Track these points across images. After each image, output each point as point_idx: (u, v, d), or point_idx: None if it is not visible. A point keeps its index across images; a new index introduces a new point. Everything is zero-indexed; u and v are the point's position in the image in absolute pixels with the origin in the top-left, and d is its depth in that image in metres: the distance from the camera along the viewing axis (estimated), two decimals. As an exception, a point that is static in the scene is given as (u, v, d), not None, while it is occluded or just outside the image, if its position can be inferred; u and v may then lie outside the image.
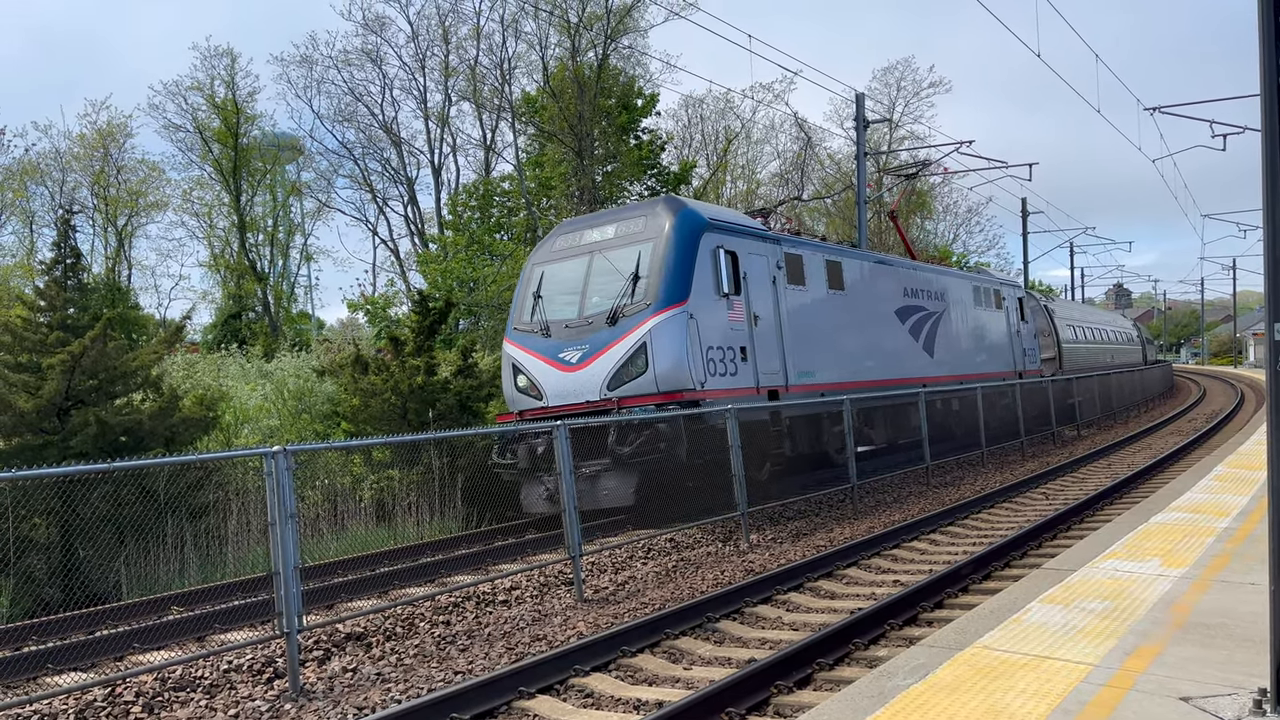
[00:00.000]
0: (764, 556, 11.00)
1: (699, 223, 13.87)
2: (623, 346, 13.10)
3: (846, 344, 16.89)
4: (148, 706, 6.57)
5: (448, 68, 36.27)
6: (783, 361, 14.90)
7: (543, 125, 34.66)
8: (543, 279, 14.66)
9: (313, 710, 6.31)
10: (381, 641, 8.03)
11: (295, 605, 6.82)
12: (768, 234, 15.65)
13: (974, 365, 22.19)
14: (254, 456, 7.10)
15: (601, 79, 33.41)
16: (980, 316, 23.29)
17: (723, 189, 44.62)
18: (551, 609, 8.97)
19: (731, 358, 13.79)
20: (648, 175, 35.59)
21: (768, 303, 14.87)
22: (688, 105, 43.61)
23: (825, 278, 16.69)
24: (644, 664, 7.00)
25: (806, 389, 15.36)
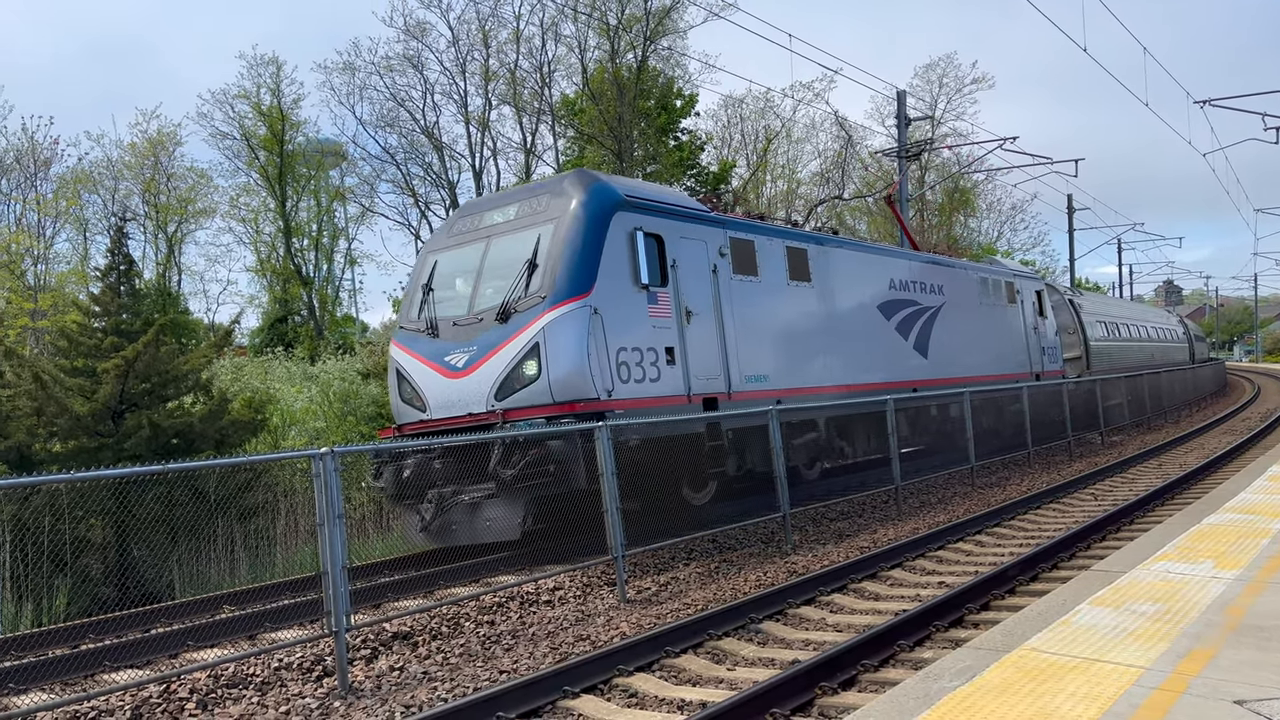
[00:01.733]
0: (807, 557, 10.96)
1: (611, 200, 11.73)
2: (512, 348, 11.08)
3: (812, 344, 14.86)
4: (201, 703, 6.71)
5: (488, 72, 36.55)
6: (724, 364, 12.83)
7: (582, 127, 34.80)
8: (435, 269, 12.54)
9: (361, 708, 6.40)
10: (428, 641, 8.12)
11: (343, 604, 6.92)
12: (707, 215, 13.39)
13: (978, 366, 19.89)
14: (302, 459, 7.22)
15: (641, 80, 33.48)
16: (988, 312, 21.05)
17: (763, 188, 44.50)
18: (594, 609, 9.01)
19: (653, 360, 11.69)
20: (687, 176, 35.58)
21: (705, 296, 12.80)
22: (727, 105, 43.53)
23: (785, 267, 14.56)
24: (687, 664, 7.01)
25: (757, 395, 13.25)
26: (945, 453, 17.64)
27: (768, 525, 12.44)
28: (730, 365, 12.95)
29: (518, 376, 11.01)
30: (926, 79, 48.97)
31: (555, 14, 34.25)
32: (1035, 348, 22.98)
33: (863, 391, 15.44)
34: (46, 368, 13.82)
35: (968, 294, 20.26)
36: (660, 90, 34.85)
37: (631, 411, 11.03)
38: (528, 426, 10.38)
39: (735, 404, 12.81)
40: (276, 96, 38.92)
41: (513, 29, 36.12)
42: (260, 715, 6.42)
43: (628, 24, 33.33)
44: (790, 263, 14.72)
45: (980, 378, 19.54)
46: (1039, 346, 23.19)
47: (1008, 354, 21.52)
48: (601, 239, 11.43)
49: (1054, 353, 24.18)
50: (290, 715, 6.37)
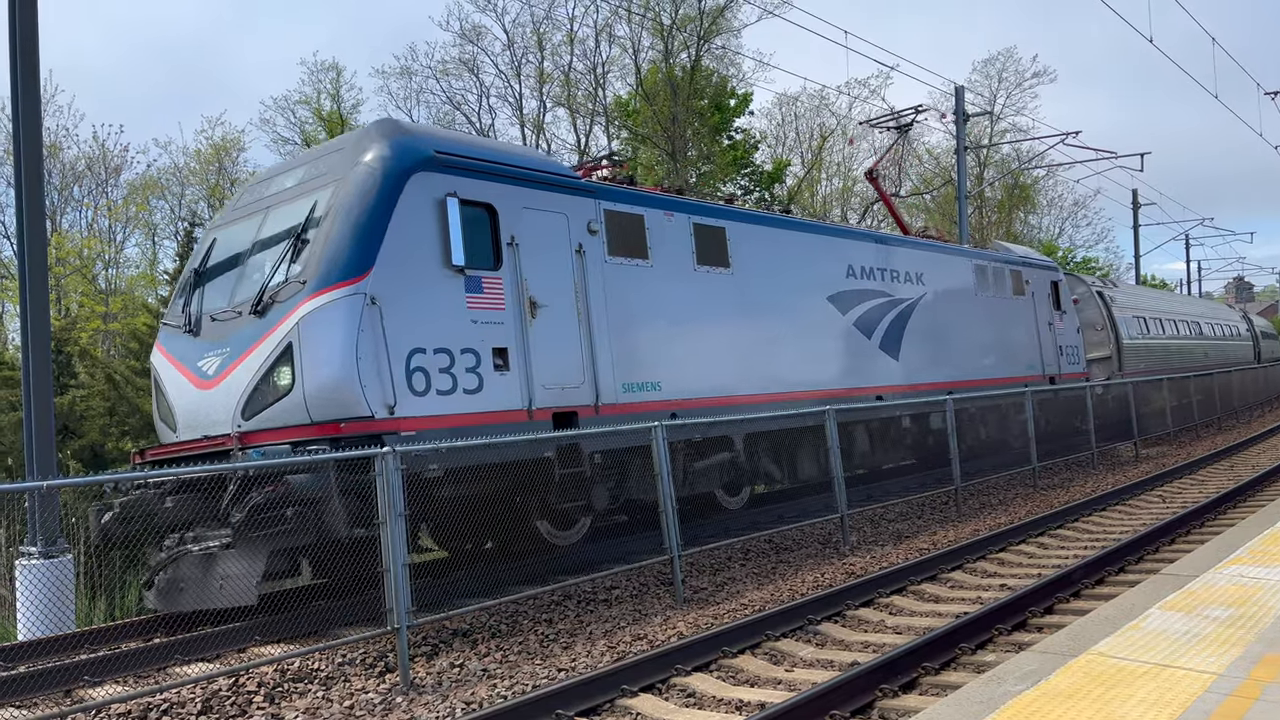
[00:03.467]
0: (864, 559, 10.86)
1: (408, 156, 9.29)
2: (264, 350, 8.73)
3: (730, 344, 12.32)
4: (269, 696, 6.87)
5: (542, 74, 36.81)
6: (590, 370, 10.40)
7: (636, 128, 34.88)
8: (211, 249, 10.26)
9: (423, 704, 6.50)
10: (487, 638, 8.21)
11: (405, 602, 7.03)
12: (567, 181, 10.82)
13: (972, 369, 17.11)
14: (364, 458, 7.34)
15: (694, 80, 33.45)
16: (986, 305, 18.10)
17: (818, 187, 44.17)
18: (651, 609, 9.03)
19: (471, 366, 9.28)
20: (741, 175, 35.48)
21: (562, 283, 10.36)
22: (781, 103, 43.29)
23: (692, 249, 12.08)
24: (745, 665, 7.00)
25: (644, 408, 10.84)
26: (931, 469, 15.53)
27: (825, 526, 12.35)
28: (600, 371, 10.49)
29: (269, 387, 8.62)
30: (985, 74, 48.20)
31: (609, 15, 34.39)
32: (1050, 347, 20.05)
33: (805, 401, 12.88)
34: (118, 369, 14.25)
35: (958, 284, 17.48)
36: (714, 90, 34.78)
37: (431, 433, 8.66)
38: (259, 456, 8.11)
39: (607, 419, 10.30)
40: (336, 102, 39.61)
41: (567, 31, 36.34)
42: (325, 709, 6.54)
43: (681, 24, 33.33)
44: (700, 244, 12.20)
45: (973, 382, 16.91)
46: (1054, 345, 20.27)
47: (1012, 354, 18.63)
48: (389, 206, 8.97)
49: (1075, 352, 21.31)
50: (354, 710, 6.49)
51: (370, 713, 6.41)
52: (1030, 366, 19.11)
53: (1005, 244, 21.85)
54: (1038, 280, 20.24)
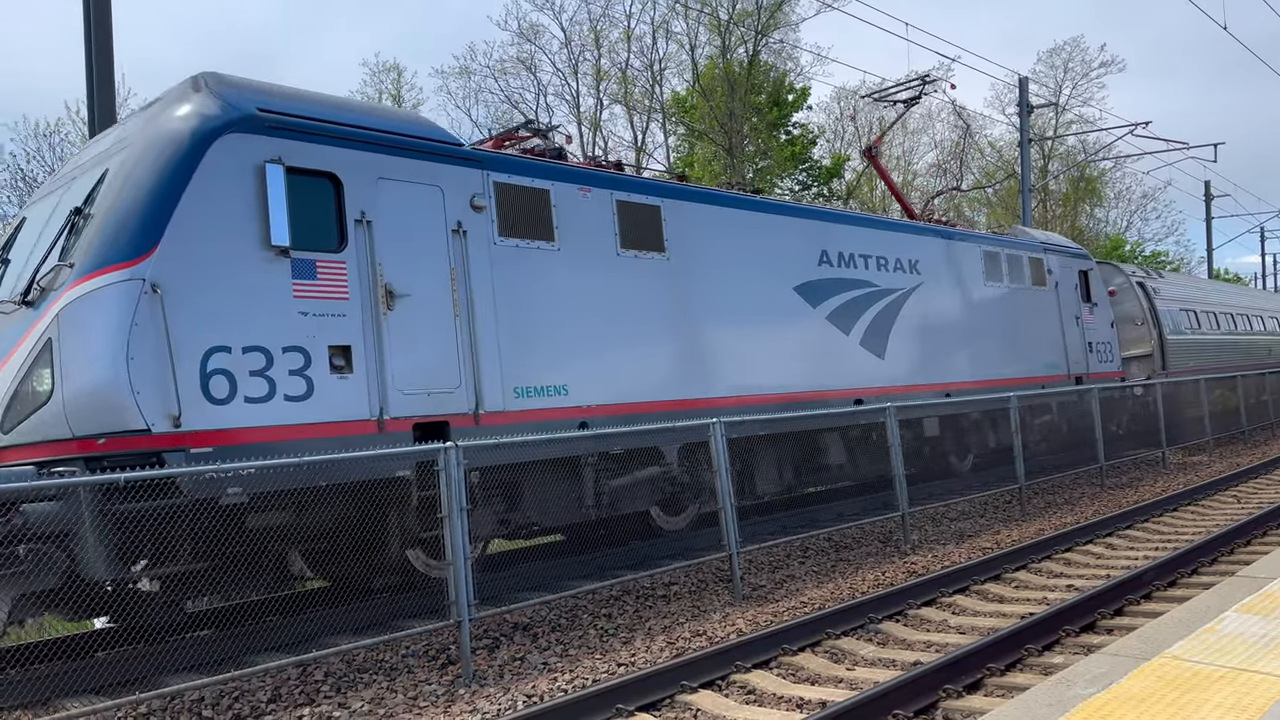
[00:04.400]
0: (926, 558, 10.73)
1: (220, 115, 7.75)
2: (26, 348, 7.31)
3: (664, 341, 10.76)
4: (335, 686, 7.02)
5: (599, 71, 36.93)
6: (470, 371, 8.93)
7: (693, 124, 34.83)
8: (19, 231, 8.87)
9: (485, 695, 6.58)
10: (547, 632, 8.29)
11: (467, 595, 7.13)
12: (444, 147, 9.22)
13: (977, 368, 15.37)
14: (427, 454, 7.45)
15: (752, 75, 33.29)
16: (998, 297, 16.30)
17: (876, 181, 43.67)
18: (710, 605, 9.03)
19: (299, 366, 7.78)
20: (799, 170, 35.22)
21: (434, 267, 8.86)
22: (840, 97, 42.86)
23: (615, 230, 10.46)
24: (805, 663, 6.96)
25: (543, 416, 9.42)
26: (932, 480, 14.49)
27: (885, 524, 12.22)
28: (484, 373, 9.03)
29: (28, 393, 7.20)
30: (1051, 64, 47.21)
31: (666, 11, 34.38)
32: (1077, 343, 18.07)
33: (760, 406, 11.48)
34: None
35: (963, 273, 15.68)
36: (772, 84, 34.57)
37: (238, 450, 7.24)
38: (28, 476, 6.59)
39: (491, 429, 8.88)
40: (397, 101, 40.18)
41: (624, 28, 36.42)
42: (389, 699, 6.66)
43: (739, 19, 33.19)
44: (625, 224, 10.60)
45: (979, 383, 15.24)
46: (1082, 341, 18.23)
47: (1030, 352, 16.71)
48: (184, 174, 7.47)
49: (1107, 349, 19.21)
50: (418, 700, 6.59)
51: (433, 704, 6.51)
52: (1051, 365, 17.17)
53: (1026, 229, 19.91)
54: (1063, 269, 18.21)
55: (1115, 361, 19.46)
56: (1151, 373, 20.97)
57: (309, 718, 6.36)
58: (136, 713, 6.46)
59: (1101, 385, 16.12)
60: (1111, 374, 18.99)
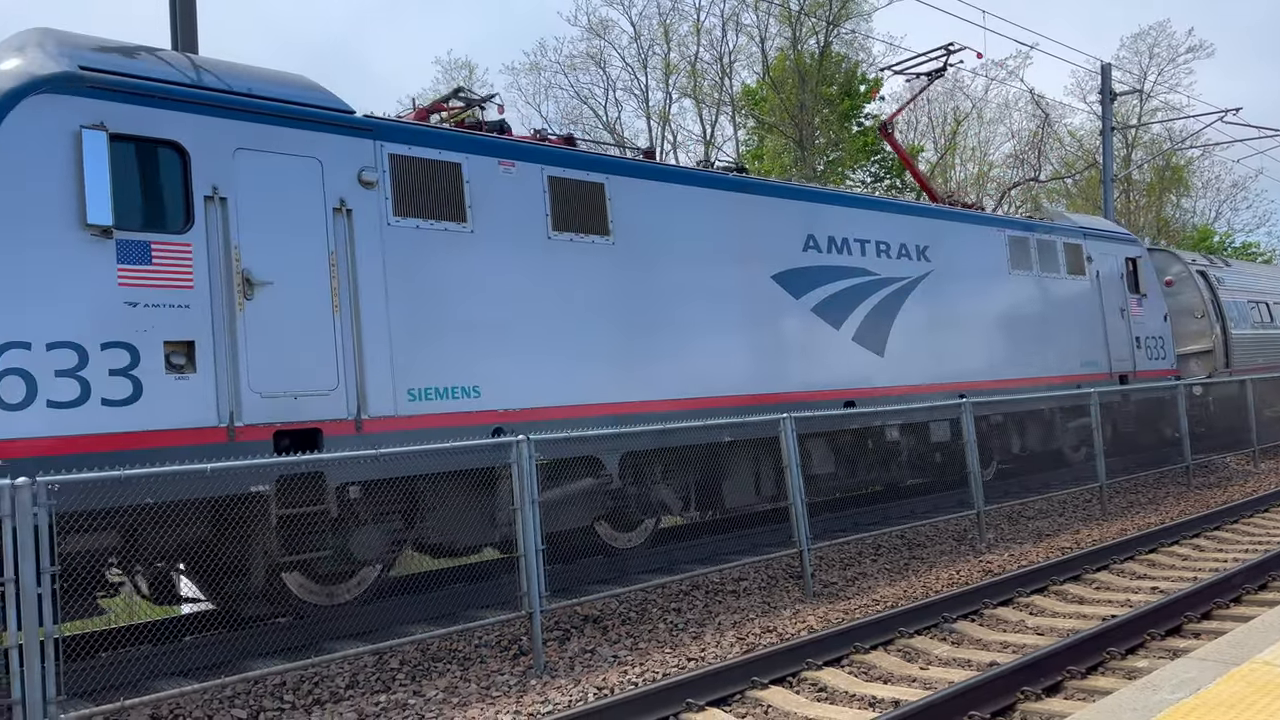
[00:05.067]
0: (1002, 557, 10.51)
1: (29, 72, 6.84)
2: None
3: (605, 335, 9.62)
4: (410, 674, 7.15)
5: (669, 65, 36.88)
6: (353, 369, 7.84)
7: (763, 117, 34.57)
8: None
9: (556, 687, 6.64)
10: (616, 625, 8.33)
11: (539, 587, 7.20)
12: (324, 114, 8.13)
13: (1001, 367, 14.01)
14: (499, 445, 7.55)
15: (823, 67, 32.90)
16: (1026, 286, 14.81)
17: (951, 172, 42.83)
18: (780, 601, 8.98)
19: (123, 365, 6.83)
20: (871, 162, 34.74)
21: (308, 251, 7.76)
22: (913, 87, 42.15)
23: (546, 210, 9.33)
24: (877, 661, 6.88)
25: (445, 422, 8.32)
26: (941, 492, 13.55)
27: (960, 523, 12.01)
28: (370, 372, 7.92)
29: None
30: (1135, 49, 45.68)
31: (736, 4, 34.19)
32: (1121, 338, 16.37)
33: (721, 410, 10.21)
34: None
35: (983, 260, 14.23)
36: (843, 76, 34.14)
37: (36, 461, 6.20)
38: None
39: (377, 438, 7.76)
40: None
41: (693, 21, 36.31)
42: (463, 688, 6.76)
43: (810, 10, 32.83)
44: (559, 203, 9.46)
45: (1000, 383, 13.85)
46: (1128, 336, 16.52)
47: (1063, 347, 15.17)
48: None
49: (1159, 345, 17.40)
50: (490, 690, 6.68)
51: (506, 694, 6.59)
52: (1090, 363, 15.55)
53: (1064, 213, 17.99)
54: (1105, 256, 16.53)
55: (1168, 358, 17.65)
56: (1213, 370, 19.04)
57: (386, 704, 6.49)
58: (222, 695, 6.67)
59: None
60: (1163, 372, 17.16)
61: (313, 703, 6.63)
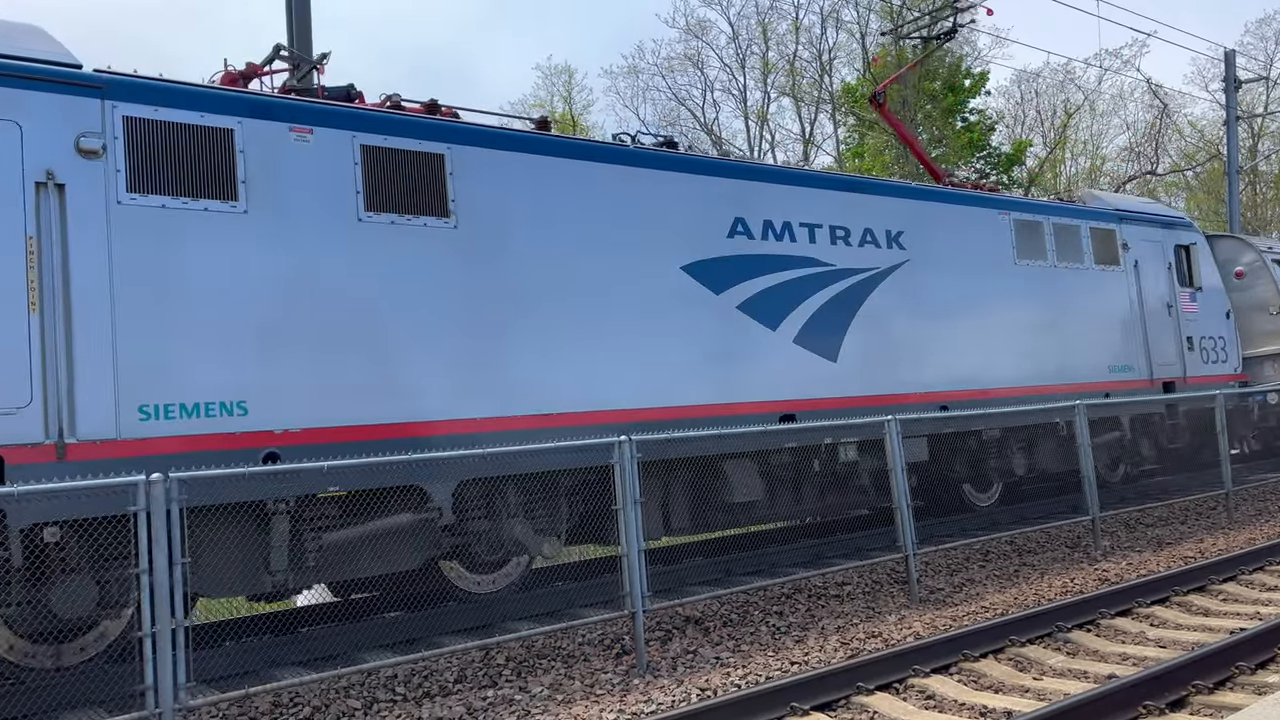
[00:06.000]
0: (1120, 565, 10.11)
1: None
2: None
3: (439, 336, 8.07)
4: (516, 670, 7.28)
5: (767, 64, 36.66)
6: (57, 381, 6.47)
7: (863, 114, 34.04)
8: None
9: (658, 687, 6.67)
10: (718, 627, 8.32)
11: (641, 586, 7.24)
12: (24, 66, 6.71)
13: (998, 373, 12.03)
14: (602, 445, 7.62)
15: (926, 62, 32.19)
16: (1036, 279, 12.80)
17: (1061, 167, 41.41)
18: (884, 607, 8.83)
19: None
20: (976, 158, 33.84)
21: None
22: (1021, 80, 40.83)
23: (357, 187, 7.85)
24: (987, 670, 6.70)
25: (194, 445, 6.85)
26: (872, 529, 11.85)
27: (1073, 529, 11.60)
28: (82, 384, 6.55)
29: None
30: (1260, 35, 43.54)
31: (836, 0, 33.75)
32: (1166, 338, 14.24)
33: (601, 426, 8.43)
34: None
35: (976, 248, 12.26)
36: (947, 70, 33.36)
37: None
38: None
39: (91, 465, 6.41)
40: (568, 103, 41.15)
41: (792, 19, 36.01)
42: (567, 685, 6.85)
43: (913, 3, 32.18)
44: (376, 178, 7.97)
45: (995, 392, 11.88)
46: (1176, 336, 14.36)
47: (1086, 350, 13.17)
48: None
49: (1218, 346, 15.09)
50: (594, 688, 6.75)
51: (609, 692, 6.65)
52: (1123, 369, 13.54)
53: (1097, 193, 16.07)
54: (1148, 243, 14.41)
55: (1230, 362, 15.25)
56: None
57: (493, 699, 6.62)
58: (337, 686, 6.91)
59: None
60: (1223, 377, 14.80)
61: (423, 695, 6.81)
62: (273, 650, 7.66)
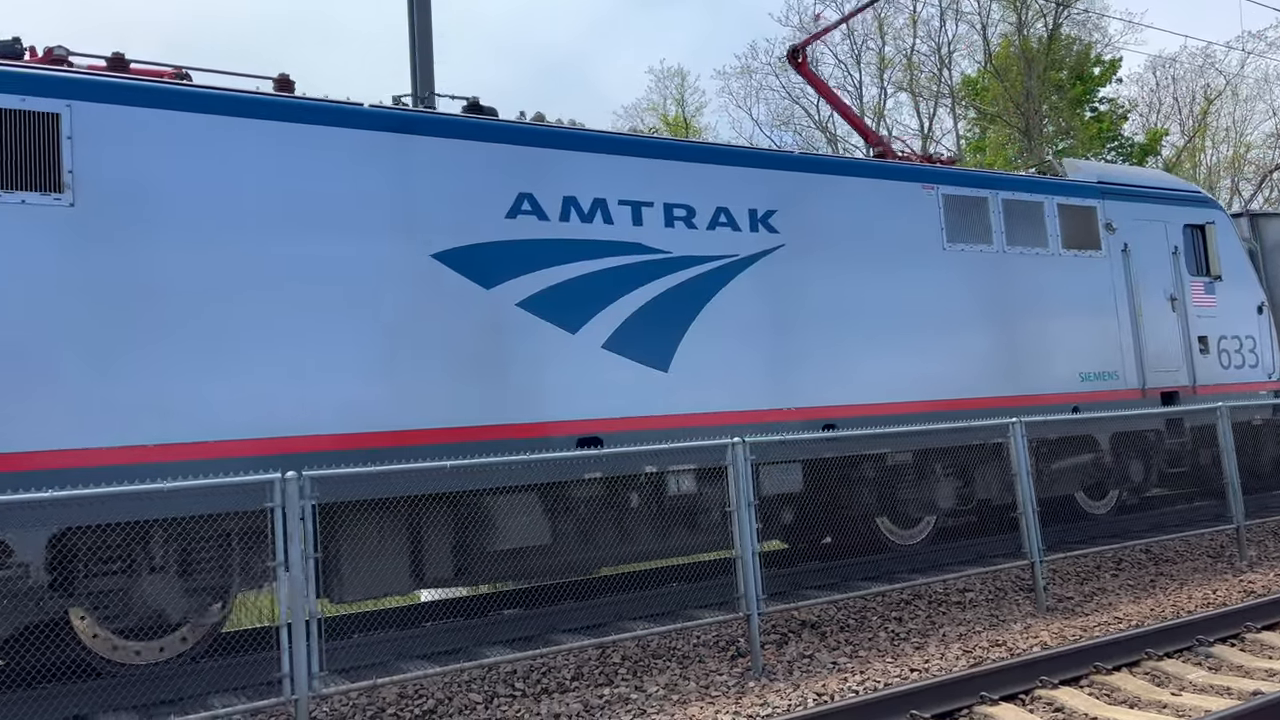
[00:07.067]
0: (1267, 577, 9.54)
1: None
2: None
3: (45, 340, 6.49)
4: (631, 670, 7.35)
5: (883, 60, 35.94)
6: None
7: (984, 107, 33.04)
8: None
9: (774, 690, 6.62)
10: (835, 631, 8.21)
11: (756, 589, 7.21)
12: None
13: (912, 384, 9.93)
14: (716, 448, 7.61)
15: (1051, 51, 31.04)
16: (976, 268, 10.66)
17: (1201, 156, 39.26)
18: (1009, 615, 8.55)
19: None
20: (1107, 149, 32.42)
21: None
22: (1155, 66, 38.91)
23: None
24: (1121, 683, 6.42)
25: None
26: None
27: (1215, 538, 11.00)
28: None
29: None
30: None
31: (955, -9, 32.86)
32: (1168, 339, 11.97)
33: (292, 456, 6.82)
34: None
35: (885, 231, 10.11)
36: (1075, 59, 32.06)
37: None
38: None
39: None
40: (681, 106, 41.24)
41: (910, 13, 35.21)
42: (682, 686, 6.88)
43: (1036, -9, 31.08)
44: None
45: (904, 406, 9.79)
46: (1180, 336, 12.09)
47: (1045, 357, 10.95)
48: None
49: (1246, 347, 12.75)
50: (709, 690, 6.76)
51: (724, 694, 6.65)
52: (1100, 376, 11.30)
53: (1081, 162, 13.68)
54: (1142, 222, 12.11)
55: (1262, 366, 12.81)
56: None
57: (610, 697, 6.70)
58: (459, 679, 7.11)
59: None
60: (1252, 386, 12.56)
61: (540, 692, 6.94)
62: (399, 644, 7.93)
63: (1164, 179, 13.72)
